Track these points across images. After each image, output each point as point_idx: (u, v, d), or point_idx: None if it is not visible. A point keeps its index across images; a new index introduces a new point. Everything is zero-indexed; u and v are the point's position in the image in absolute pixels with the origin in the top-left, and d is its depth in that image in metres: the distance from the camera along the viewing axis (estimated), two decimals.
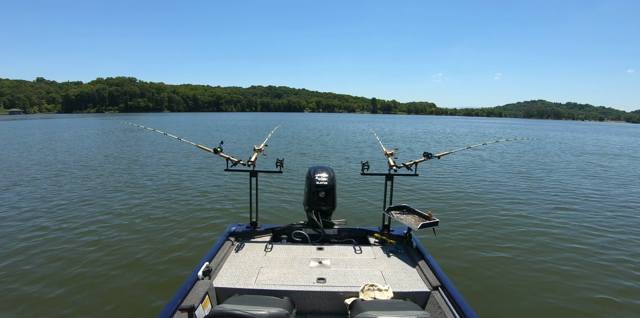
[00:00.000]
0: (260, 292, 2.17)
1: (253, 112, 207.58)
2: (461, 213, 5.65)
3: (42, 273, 3.56)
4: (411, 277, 2.40)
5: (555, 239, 4.70)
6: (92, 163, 10.17)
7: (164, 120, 51.12)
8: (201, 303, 1.95)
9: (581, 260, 4.10)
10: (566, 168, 11.08)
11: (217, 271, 2.38)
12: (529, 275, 3.72)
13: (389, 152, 3.12)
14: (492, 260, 4.00)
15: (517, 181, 8.50)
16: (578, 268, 3.88)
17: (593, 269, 3.88)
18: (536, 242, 4.59)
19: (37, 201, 6.08)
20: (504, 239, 4.64)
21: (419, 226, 2.58)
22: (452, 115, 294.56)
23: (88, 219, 5.07)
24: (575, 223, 5.40)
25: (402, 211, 3.00)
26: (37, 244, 4.25)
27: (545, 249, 4.35)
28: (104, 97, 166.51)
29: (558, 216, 5.70)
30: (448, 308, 1.97)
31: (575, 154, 16.11)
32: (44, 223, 4.98)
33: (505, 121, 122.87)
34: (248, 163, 3.04)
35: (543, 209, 6.10)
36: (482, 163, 10.84)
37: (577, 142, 24.64)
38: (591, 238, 4.76)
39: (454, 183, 7.89)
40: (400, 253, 2.77)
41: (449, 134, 30.07)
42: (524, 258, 4.11)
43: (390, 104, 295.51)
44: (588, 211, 6.00)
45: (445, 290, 2.12)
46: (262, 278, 2.32)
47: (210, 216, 5.33)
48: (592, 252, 4.32)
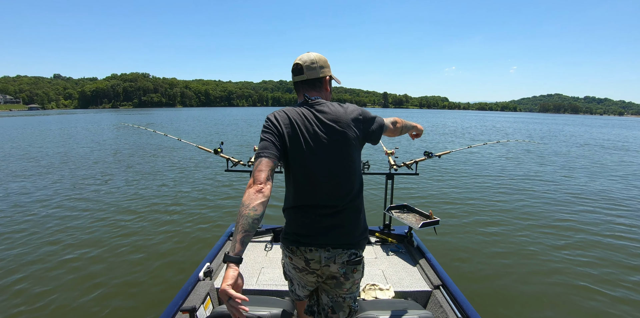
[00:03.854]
0: (262, 292, 2.17)
1: (264, 106, 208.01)
2: (462, 212, 5.55)
3: (40, 273, 3.56)
4: (412, 276, 2.39)
5: (559, 237, 4.60)
6: (88, 163, 10.13)
7: (178, 116, 51.61)
8: (202, 304, 1.96)
9: (586, 259, 4.02)
10: (570, 164, 10.81)
11: (218, 272, 2.37)
12: (531, 273, 3.65)
13: (389, 152, 3.09)
14: (494, 259, 3.95)
15: (520, 179, 8.30)
16: (583, 267, 3.81)
17: (598, 267, 3.79)
18: (538, 240, 4.50)
19: (33, 203, 6.11)
20: (505, 238, 4.56)
21: (419, 225, 2.55)
22: (465, 110, 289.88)
23: (87, 221, 5.08)
24: (579, 221, 5.28)
25: (402, 210, 2.97)
26: (34, 245, 4.26)
27: (547, 247, 4.27)
28: (119, 92, 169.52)
29: (562, 215, 5.56)
30: (449, 307, 1.97)
31: (579, 146, 15.84)
32: (36, 225, 4.98)
33: (519, 116, 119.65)
34: (248, 164, 3.02)
35: (545, 207, 5.97)
36: (483, 162, 10.60)
37: (585, 137, 23.87)
38: (600, 238, 4.66)
39: (454, 182, 7.75)
40: (401, 253, 2.76)
41: (452, 129, 29.45)
42: (526, 256, 4.04)
43: (402, 98, 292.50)
44: (596, 212, 5.83)
45: (447, 289, 2.11)
46: (264, 279, 2.31)
47: (211, 217, 5.30)
48: (598, 251, 4.22)
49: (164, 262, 3.82)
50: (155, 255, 3.97)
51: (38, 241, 4.41)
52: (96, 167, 9.36)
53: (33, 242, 4.36)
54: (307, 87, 1.44)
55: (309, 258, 1.35)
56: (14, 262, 3.78)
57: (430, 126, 31.71)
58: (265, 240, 3.02)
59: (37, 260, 3.85)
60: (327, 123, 1.34)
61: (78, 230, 4.72)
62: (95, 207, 5.76)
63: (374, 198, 6.24)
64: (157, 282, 3.40)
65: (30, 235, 4.58)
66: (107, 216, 5.32)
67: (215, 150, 3.02)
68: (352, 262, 1.35)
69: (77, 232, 4.66)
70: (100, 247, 4.20)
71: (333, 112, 1.36)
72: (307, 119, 1.35)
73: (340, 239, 1.34)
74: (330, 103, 1.41)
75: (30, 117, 54.38)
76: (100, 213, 5.47)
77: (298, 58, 1.43)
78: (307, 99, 1.41)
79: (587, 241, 4.51)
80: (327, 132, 1.34)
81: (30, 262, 3.83)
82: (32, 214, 5.39)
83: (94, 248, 4.18)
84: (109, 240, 4.39)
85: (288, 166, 1.38)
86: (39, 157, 11.19)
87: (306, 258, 1.36)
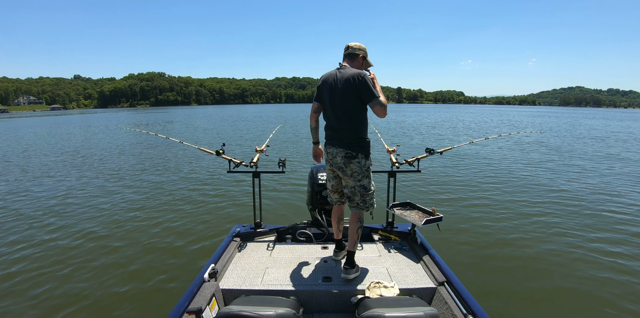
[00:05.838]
0: (267, 292, 2.18)
1: (278, 103, 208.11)
2: (465, 209, 5.49)
3: (46, 275, 3.60)
4: (417, 273, 2.39)
5: (564, 234, 4.52)
6: (92, 164, 10.24)
7: (194, 114, 52.38)
8: (208, 305, 1.96)
9: (594, 254, 3.92)
10: (575, 160, 10.47)
11: (223, 273, 2.39)
12: (536, 269, 3.61)
13: (391, 149, 3.09)
14: (498, 255, 3.92)
15: (523, 174, 8.11)
16: (590, 263, 3.72)
17: (606, 263, 3.72)
18: (543, 236, 4.43)
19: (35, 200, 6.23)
20: (508, 233, 4.51)
21: (423, 222, 2.56)
22: (481, 104, 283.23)
23: (90, 223, 5.12)
24: (586, 217, 5.17)
25: (405, 208, 2.98)
26: (33, 244, 4.32)
27: (552, 244, 4.18)
28: (136, 92, 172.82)
29: (567, 210, 5.45)
30: (454, 304, 1.96)
31: (592, 139, 15.36)
32: (34, 223, 5.08)
33: (537, 109, 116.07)
34: (250, 165, 3.03)
35: (550, 203, 5.84)
36: (486, 157, 10.35)
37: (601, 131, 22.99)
38: (608, 235, 4.55)
39: (457, 178, 7.63)
40: (405, 250, 2.76)
41: (465, 124, 28.84)
42: (530, 252, 3.99)
43: (416, 93, 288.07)
44: (604, 209, 5.65)
45: (452, 285, 2.11)
46: (268, 279, 2.32)
47: (215, 218, 5.30)
48: (606, 247, 4.12)
49: (169, 263, 3.84)
50: (159, 257, 3.99)
51: (37, 239, 4.44)
52: (95, 170, 9.40)
53: (33, 238, 4.38)
54: (347, 58, 2.40)
55: (328, 151, 2.39)
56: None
57: (440, 121, 31.19)
58: (269, 240, 3.02)
59: (37, 259, 3.87)
60: (339, 78, 2.26)
61: (79, 232, 4.75)
62: (97, 208, 5.82)
63: (377, 196, 6.20)
64: (162, 283, 3.41)
65: (29, 232, 4.63)
66: (109, 217, 5.35)
67: (217, 151, 3.02)
68: (347, 156, 2.28)
69: (79, 234, 4.69)
70: (103, 249, 4.22)
71: (345, 72, 2.26)
72: (333, 76, 2.31)
73: (340, 142, 2.30)
74: (348, 68, 2.31)
75: (54, 117, 56.03)
76: (102, 214, 5.51)
77: (349, 43, 2.40)
78: (340, 65, 2.36)
79: (595, 238, 4.42)
80: (337, 82, 2.26)
81: (31, 260, 3.84)
82: (31, 215, 5.41)
83: (97, 250, 4.20)
84: (111, 242, 4.41)
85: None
86: (40, 157, 11.46)
87: (327, 152, 2.40)
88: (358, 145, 2.28)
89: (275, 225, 3.24)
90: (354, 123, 2.26)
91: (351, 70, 2.24)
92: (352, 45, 2.37)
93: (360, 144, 2.28)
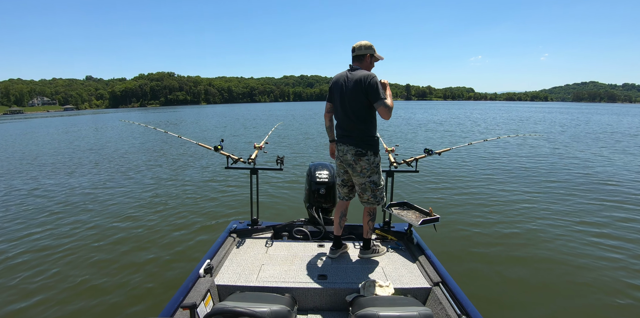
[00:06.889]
0: (262, 289, 2.19)
1: (286, 101, 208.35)
2: (462, 210, 5.43)
3: (39, 268, 3.66)
4: (412, 273, 2.40)
5: (559, 234, 4.46)
6: (86, 159, 10.32)
7: (203, 112, 52.76)
8: (203, 301, 1.98)
9: (588, 256, 3.86)
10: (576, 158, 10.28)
11: (218, 268, 2.40)
12: (531, 270, 3.58)
13: (389, 149, 3.09)
14: (493, 256, 3.88)
15: (522, 176, 7.94)
16: (585, 265, 3.68)
17: (602, 264, 3.67)
18: (539, 237, 4.37)
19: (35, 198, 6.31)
20: (505, 235, 4.46)
21: (419, 222, 2.56)
22: (492, 100, 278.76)
23: (86, 217, 5.17)
24: (581, 216, 5.10)
25: (402, 207, 2.98)
26: (33, 243, 4.36)
27: (549, 247, 4.12)
28: (146, 92, 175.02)
29: (564, 211, 5.36)
30: (449, 304, 1.97)
31: (597, 134, 15.00)
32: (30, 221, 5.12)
33: (548, 105, 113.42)
34: (248, 161, 3.04)
35: (546, 204, 5.74)
36: (484, 158, 10.17)
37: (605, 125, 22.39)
38: (606, 231, 4.50)
39: (455, 179, 7.53)
40: (401, 250, 2.76)
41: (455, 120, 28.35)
42: (525, 253, 3.95)
43: (425, 90, 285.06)
44: (601, 207, 5.55)
45: (446, 285, 2.11)
46: (264, 276, 2.33)
47: (211, 214, 5.31)
48: (602, 248, 4.05)
49: (165, 259, 3.86)
50: (155, 252, 4.01)
51: (37, 237, 4.49)
52: (96, 165, 9.52)
53: (33, 240, 4.41)
54: (355, 60, 2.47)
55: (339, 149, 2.51)
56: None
57: (447, 119, 30.83)
58: (265, 236, 3.04)
59: (36, 258, 3.92)
60: (349, 79, 2.36)
61: (76, 228, 4.78)
62: (94, 203, 5.87)
63: None
64: (157, 278, 3.43)
65: (28, 231, 4.68)
66: (106, 212, 5.40)
67: (215, 147, 3.02)
68: (357, 153, 2.40)
69: (76, 229, 4.72)
70: (100, 243, 4.26)
71: (354, 74, 2.36)
72: (343, 77, 2.42)
73: (350, 140, 2.42)
74: (359, 70, 2.38)
75: (67, 117, 57.02)
76: (99, 209, 5.55)
77: (354, 44, 2.45)
78: (351, 66, 2.45)
79: (590, 238, 4.35)
80: (347, 84, 2.36)
81: (29, 258, 3.90)
82: (30, 213, 5.48)
83: (94, 244, 4.23)
84: (109, 237, 4.44)
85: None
86: (39, 158, 11.51)
87: (338, 149, 2.52)
88: (367, 143, 2.40)
89: (272, 222, 3.26)
90: (363, 122, 2.39)
91: (361, 72, 2.34)
92: (357, 46, 2.44)
93: (369, 142, 2.41)
